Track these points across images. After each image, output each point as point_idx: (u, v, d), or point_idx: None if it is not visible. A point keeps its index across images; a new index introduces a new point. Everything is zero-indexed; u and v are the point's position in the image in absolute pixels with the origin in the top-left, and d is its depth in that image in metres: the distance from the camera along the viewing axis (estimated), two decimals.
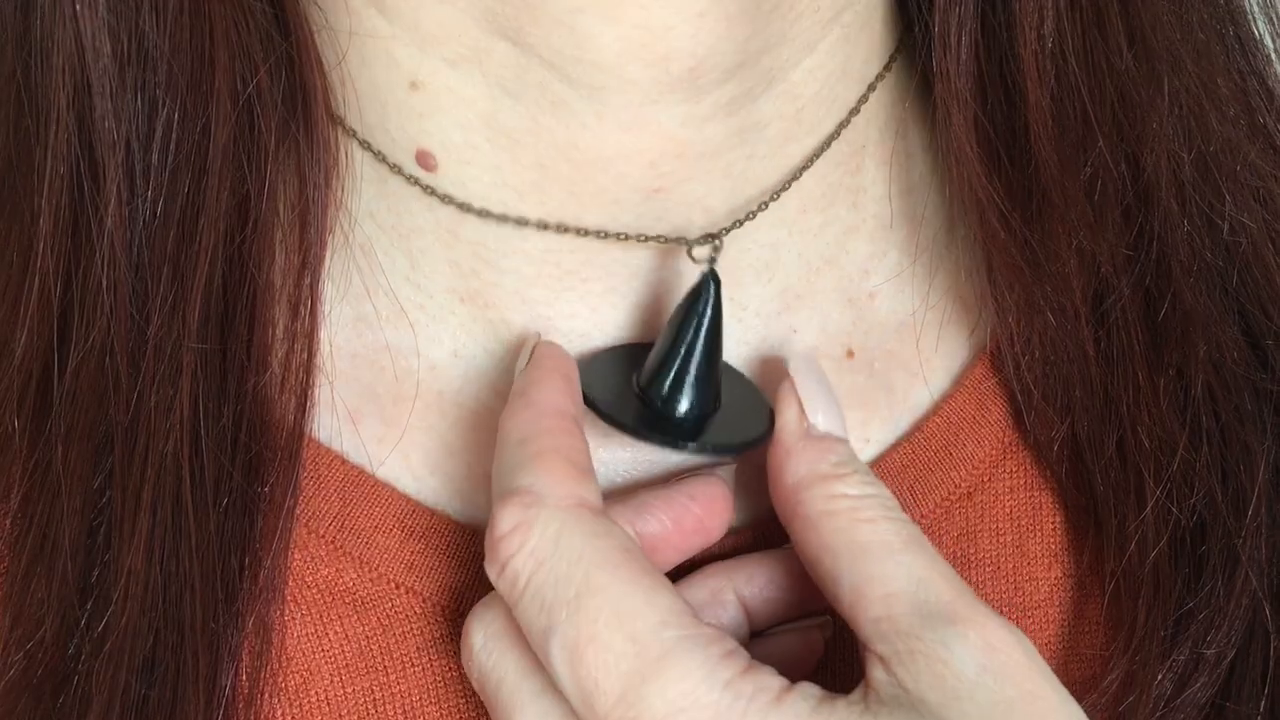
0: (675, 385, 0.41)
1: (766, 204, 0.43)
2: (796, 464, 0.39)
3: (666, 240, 0.42)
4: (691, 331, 0.41)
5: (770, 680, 0.35)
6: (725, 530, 0.41)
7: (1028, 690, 0.35)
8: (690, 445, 0.41)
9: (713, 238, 0.42)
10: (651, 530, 0.40)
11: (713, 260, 0.42)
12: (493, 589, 0.38)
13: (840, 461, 0.39)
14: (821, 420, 0.40)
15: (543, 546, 0.36)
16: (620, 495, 0.41)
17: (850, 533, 0.38)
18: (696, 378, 0.41)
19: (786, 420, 0.40)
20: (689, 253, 0.42)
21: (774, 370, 0.44)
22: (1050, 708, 0.35)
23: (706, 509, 0.41)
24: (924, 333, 0.45)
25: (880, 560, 0.37)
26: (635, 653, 0.34)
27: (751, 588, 0.41)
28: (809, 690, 0.35)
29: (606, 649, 0.35)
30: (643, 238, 0.42)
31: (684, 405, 0.41)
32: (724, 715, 0.34)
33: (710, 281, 0.41)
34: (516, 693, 0.37)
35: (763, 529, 0.43)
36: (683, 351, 0.41)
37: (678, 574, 0.41)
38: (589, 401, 0.41)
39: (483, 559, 0.41)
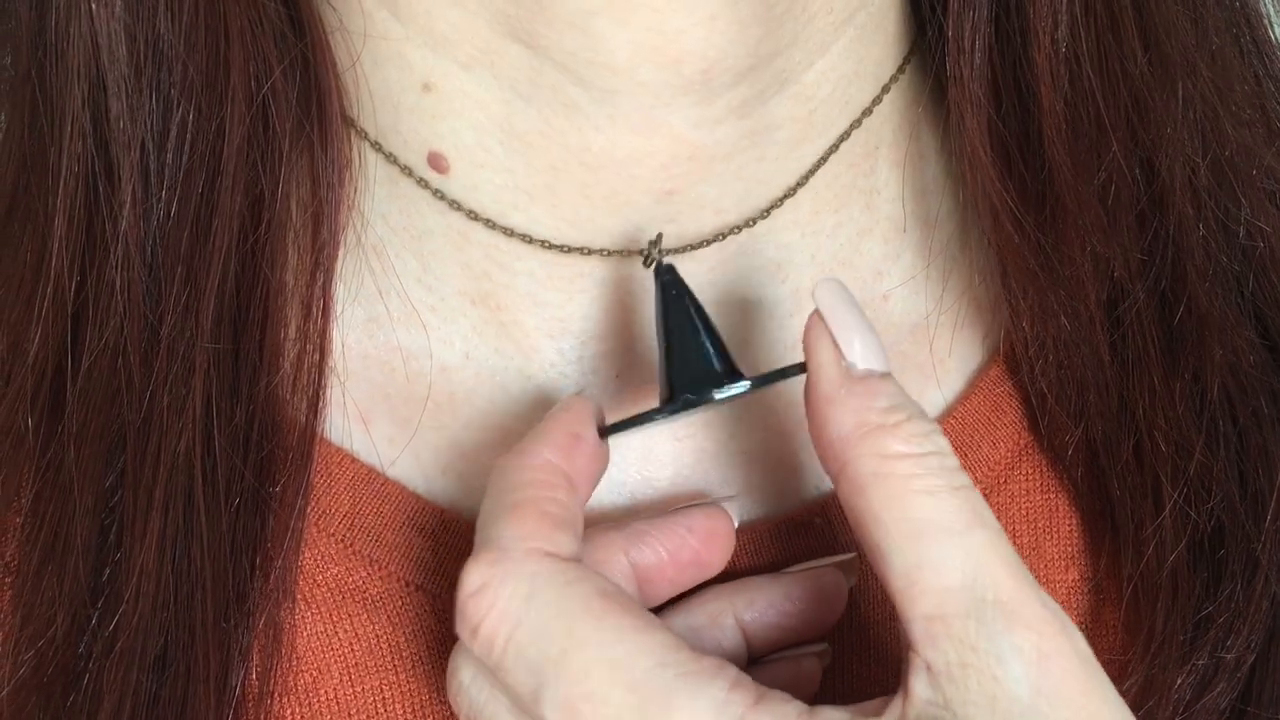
0: (688, 360, 0.39)
1: (768, 212, 0.42)
2: (841, 413, 0.35)
3: (615, 253, 0.42)
4: (671, 316, 0.40)
5: (786, 709, 0.33)
6: (724, 564, 0.40)
7: (1080, 706, 0.33)
8: (725, 385, 0.38)
9: (654, 244, 0.41)
10: (646, 560, 0.39)
11: (659, 257, 0.41)
12: None
13: (890, 407, 0.35)
14: (859, 354, 0.36)
15: (514, 606, 0.35)
16: (618, 521, 0.41)
17: (906, 504, 0.34)
18: (705, 344, 0.39)
19: (821, 361, 0.37)
20: (645, 264, 0.42)
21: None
22: None
23: (705, 542, 0.40)
24: (938, 335, 0.45)
25: (938, 543, 0.34)
26: (637, 702, 0.33)
27: (752, 612, 0.40)
28: (831, 715, 0.33)
29: (604, 703, 0.33)
30: (605, 252, 0.42)
31: (715, 365, 0.39)
32: None
33: (661, 277, 0.40)
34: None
35: (773, 527, 0.43)
36: (675, 333, 0.40)
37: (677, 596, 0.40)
38: (619, 427, 0.39)
39: None
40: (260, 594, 0.40)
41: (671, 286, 0.40)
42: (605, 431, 0.39)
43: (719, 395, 0.38)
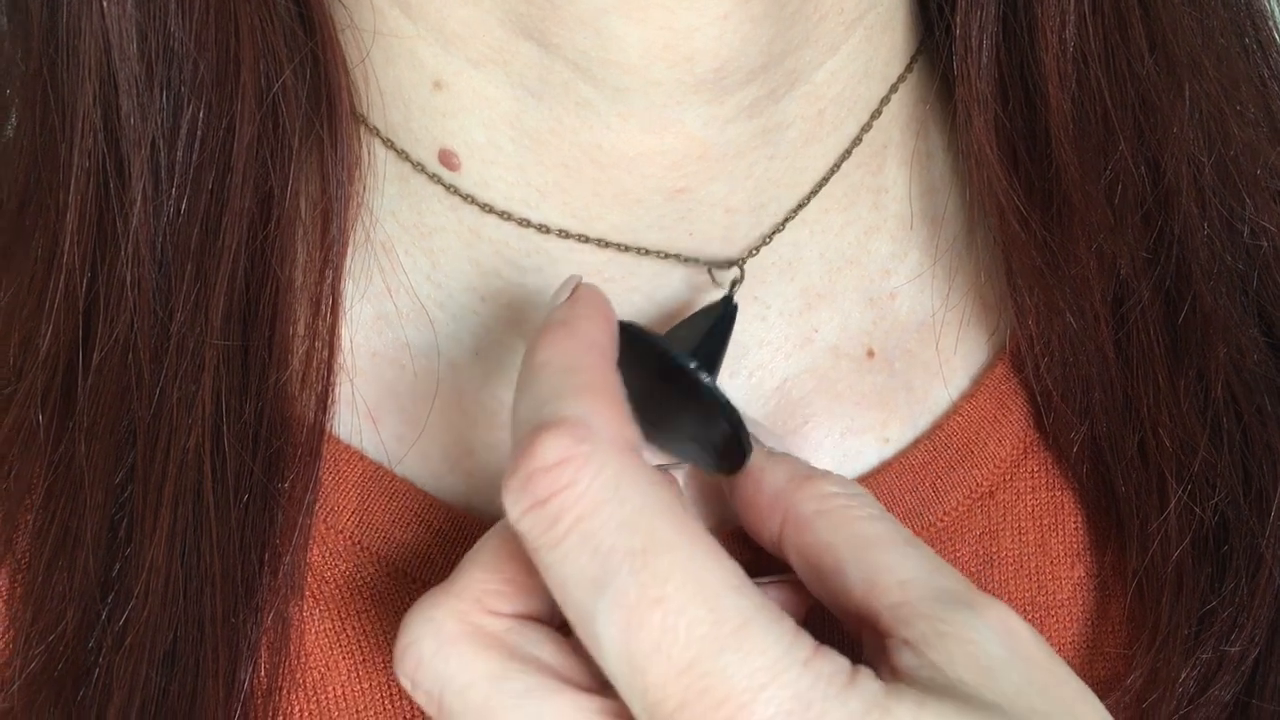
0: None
1: (794, 213, 0.43)
2: (774, 474, 0.38)
3: (687, 260, 0.42)
4: (706, 345, 0.40)
5: (840, 661, 0.32)
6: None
7: (1052, 673, 0.34)
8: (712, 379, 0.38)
9: (736, 264, 0.42)
10: None
11: (735, 286, 0.42)
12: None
13: (811, 467, 0.38)
14: (774, 444, 0.40)
15: (599, 487, 0.32)
16: None
17: (850, 527, 0.36)
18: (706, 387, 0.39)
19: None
20: (711, 276, 0.42)
21: None
22: (1074, 693, 0.34)
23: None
24: (944, 333, 0.45)
25: (887, 550, 0.36)
26: (713, 620, 0.31)
27: None
28: (869, 673, 0.33)
29: (679, 613, 0.31)
30: (663, 254, 0.42)
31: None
32: (804, 695, 0.31)
33: (731, 311, 0.41)
34: (493, 698, 0.33)
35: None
36: (705, 349, 0.40)
37: None
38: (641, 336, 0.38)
39: None
40: (269, 590, 0.40)
41: (730, 318, 0.41)
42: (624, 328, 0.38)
43: (723, 394, 0.38)
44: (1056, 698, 0.34)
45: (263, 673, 0.40)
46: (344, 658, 0.41)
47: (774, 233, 0.43)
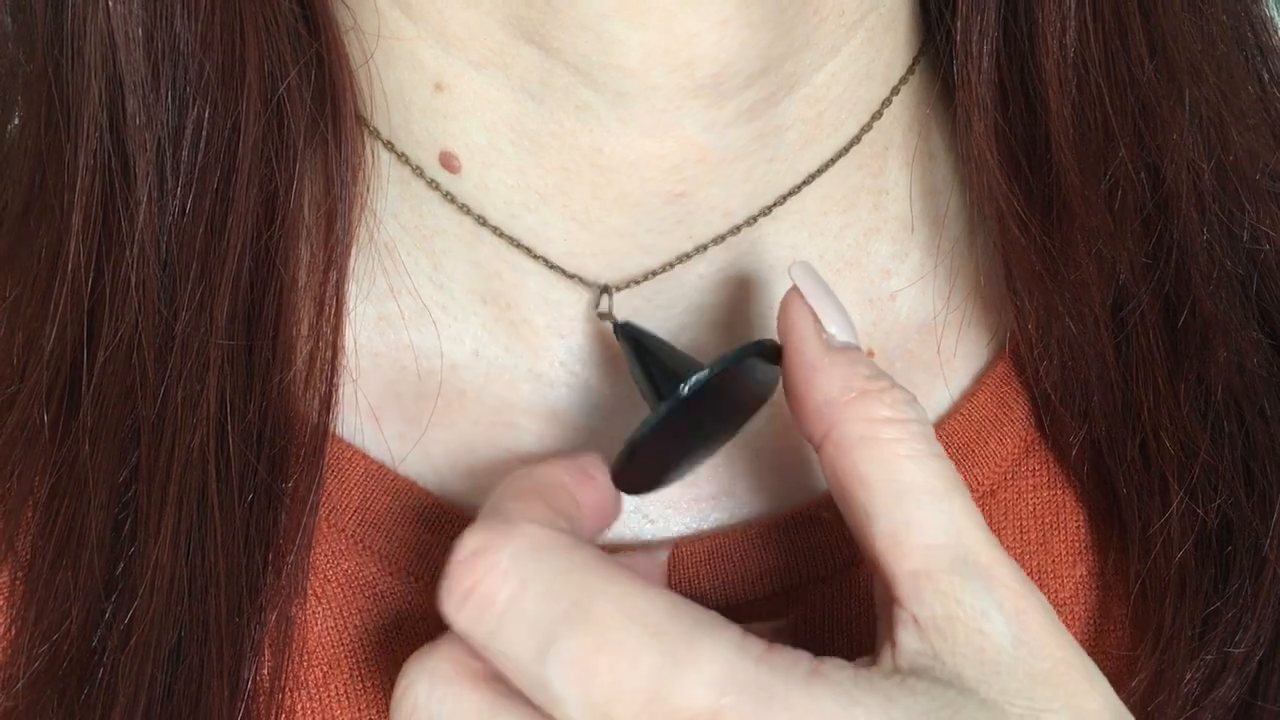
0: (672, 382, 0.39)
1: (770, 209, 0.43)
2: (827, 378, 0.36)
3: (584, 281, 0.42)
4: (646, 361, 0.40)
5: (797, 653, 0.33)
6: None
7: (1060, 659, 0.34)
8: (708, 366, 0.38)
9: (605, 290, 0.42)
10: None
11: (613, 315, 0.42)
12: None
13: (873, 374, 0.37)
14: (836, 331, 0.38)
15: (519, 565, 0.33)
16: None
17: (891, 467, 0.35)
18: (684, 364, 0.39)
19: (804, 332, 0.37)
20: (596, 310, 0.42)
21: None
22: (1082, 676, 0.34)
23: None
24: (945, 334, 0.45)
25: (921, 505, 0.35)
26: (660, 647, 0.31)
27: None
28: (838, 663, 0.33)
29: (622, 650, 0.31)
30: (590, 286, 0.42)
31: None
32: (766, 687, 0.31)
33: (620, 336, 0.41)
34: None
35: (781, 522, 0.43)
36: (656, 369, 0.40)
37: None
38: (625, 459, 0.38)
39: None
40: (272, 589, 0.41)
41: (634, 335, 0.40)
42: (618, 480, 0.38)
43: (684, 387, 0.37)
44: (1062, 687, 0.34)
45: (266, 671, 0.41)
46: (346, 657, 0.42)
47: (745, 225, 0.43)
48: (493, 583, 0.32)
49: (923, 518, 0.35)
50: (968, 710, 0.33)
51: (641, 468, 0.38)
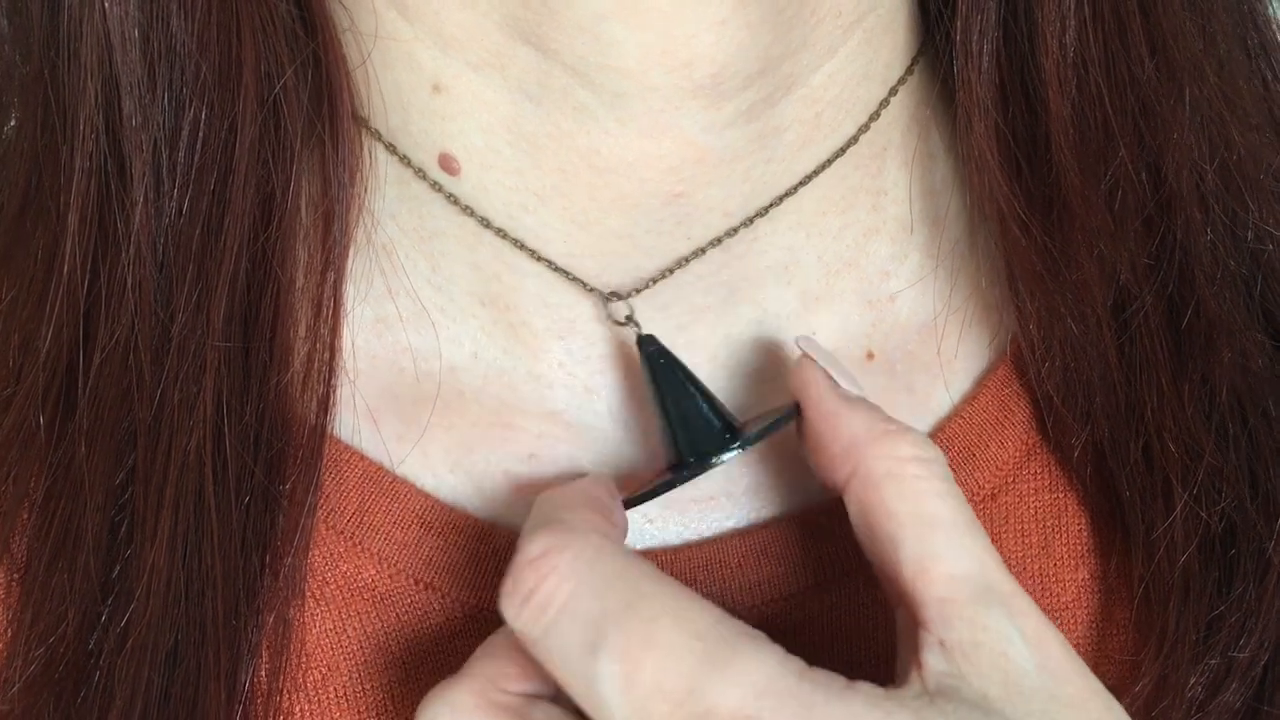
0: (689, 424, 0.41)
1: (767, 210, 0.43)
2: (850, 422, 0.38)
3: (610, 295, 0.43)
4: (664, 384, 0.41)
5: (834, 676, 0.34)
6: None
7: (1081, 686, 0.35)
8: (740, 440, 0.40)
9: (619, 296, 0.43)
10: None
11: (639, 329, 0.42)
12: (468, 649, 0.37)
13: (890, 419, 0.38)
14: (845, 384, 0.40)
15: (579, 568, 0.34)
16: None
17: (917, 501, 0.36)
18: (701, 406, 0.41)
19: (821, 388, 0.39)
20: (608, 312, 0.43)
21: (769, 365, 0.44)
22: (1102, 706, 0.35)
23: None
24: (945, 335, 0.45)
25: (947, 536, 0.36)
26: (702, 648, 0.33)
27: None
28: (871, 684, 0.34)
29: (668, 650, 0.32)
30: (589, 288, 0.43)
31: (715, 424, 0.41)
32: (805, 699, 0.32)
33: (645, 349, 0.42)
34: None
35: (791, 523, 0.43)
36: (671, 399, 0.41)
37: None
38: (640, 499, 0.41)
39: (501, 555, 0.41)
40: (270, 591, 0.41)
41: (659, 356, 0.41)
42: (627, 502, 0.41)
43: (720, 459, 0.40)
44: (1084, 713, 0.35)
45: (264, 674, 0.40)
46: (345, 659, 0.42)
47: (741, 225, 0.43)
48: (553, 583, 0.34)
49: (948, 549, 0.36)
50: None
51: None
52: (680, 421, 0.41)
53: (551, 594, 0.34)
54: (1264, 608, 0.41)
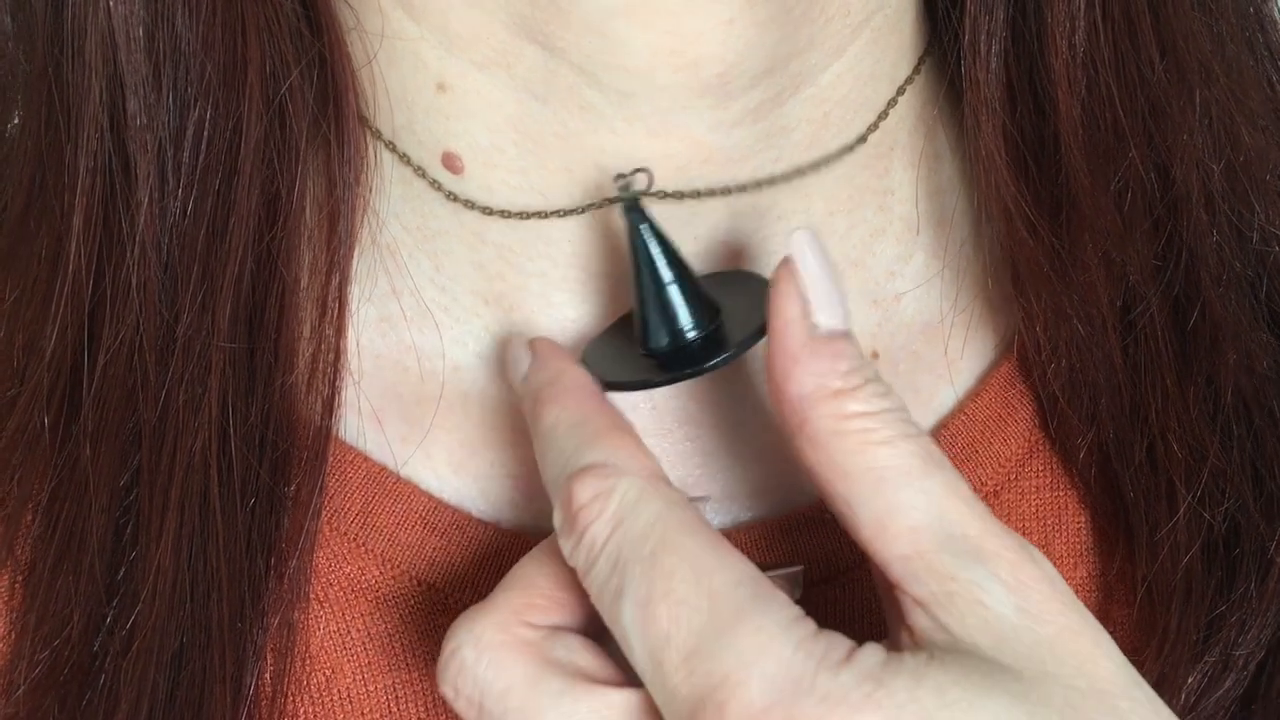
0: (664, 319, 0.40)
1: (775, 181, 0.42)
2: (802, 374, 0.36)
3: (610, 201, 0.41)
4: (647, 267, 0.40)
5: (839, 641, 0.33)
6: None
7: (1064, 625, 0.34)
8: (711, 362, 0.39)
9: (623, 178, 0.41)
10: None
11: (627, 190, 0.40)
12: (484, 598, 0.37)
13: (850, 370, 0.36)
14: (824, 316, 0.37)
15: (622, 509, 0.35)
16: None
17: (864, 455, 0.35)
18: (680, 300, 0.40)
19: (789, 317, 0.37)
20: (618, 194, 0.41)
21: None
22: (1090, 641, 0.34)
23: None
24: (951, 335, 0.45)
25: (900, 487, 0.35)
26: (710, 607, 0.33)
27: None
28: (874, 647, 0.34)
29: (681, 603, 0.33)
30: (604, 202, 0.42)
31: (689, 331, 0.40)
32: (794, 672, 0.32)
33: (631, 214, 0.40)
34: (530, 699, 0.35)
35: (784, 523, 0.43)
36: (653, 287, 0.40)
37: None
38: (604, 385, 0.40)
39: (504, 556, 0.41)
40: (275, 594, 0.41)
41: (639, 222, 0.40)
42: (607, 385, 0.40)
43: (694, 370, 0.40)
44: (1070, 654, 0.34)
45: (268, 676, 0.40)
46: (349, 661, 0.41)
47: (751, 186, 0.42)
48: (599, 526, 0.35)
49: (903, 500, 0.35)
50: (994, 675, 0.32)
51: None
52: (654, 310, 0.40)
53: (597, 535, 0.35)
54: (1264, 607, 0.41)
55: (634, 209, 0.40)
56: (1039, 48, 0.42)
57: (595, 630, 0.37)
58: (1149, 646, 0.42)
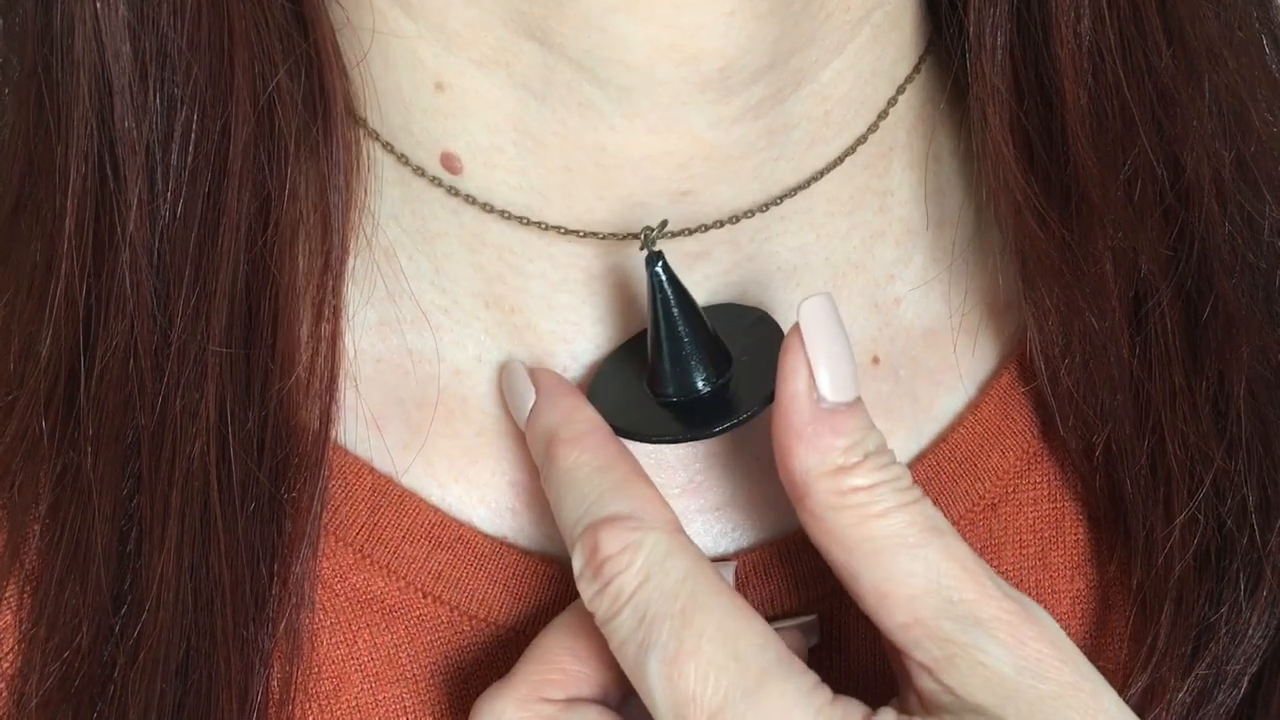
0: (677, 372, 0.40)
1: (780, 200, 0.42)
2: (805, 452, 0.37)
3: (620, 237, 0.41)
4: (665, 319, 0.40)
5: (855, 708, 0.35)
6: None
7: (1066, 681, 0.35)
8: (721, 426, 0.40)
9: (650, 230, 0.41)
10: None
11: (651, 239, 0.40)
12: (497, 668, 0.39)
13: (850, 446, 0.37)
14: (829, 386, 0.37)
15: (650, 563, 0.36)
16: None
17: (862, 528, 0.37)
18: (692, 353, 0.40)
19: (795, 390, 0.37)
20: (642, 246, 0.41)
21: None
22: (1091, 695, 0.35)
23: None
24: (951, 340, 0.44)
25: (897, 558, 0.36)
26: (737, 669, 0.35)
27: None
28: (886, 713, 0.36)
29: (709, 663, 0.35)
30: (616, 236, 0.41)
31: (701, 384, 0.41)
32: None
33: (651, 264, 0.40)
34: None
35: (786, 543, 0.43)
36: (669, 340, 0.40)
37: None
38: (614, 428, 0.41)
39: (509, 570, 0.42)
40: (279, 601, 0.40)
41: (662, 274, 0.40)
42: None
43: (714, 431, 0.40)
44: (1071, 708, 0.35)
45: (275, 684, 0.40)
46: (356, 670, 0.41)
47: (757, 210, 0.42)
48: (627, 577, 0.36)
49: (900, 569, 0.36)
50: None
51: None
52: (672, 360, 0.40)
53: (623, 586, 0.36)
54: (1255, 618, 0.41)
55: (655, 259, 0.40)
56: (1044, 38, 0.41)
57: (614, 699, 0.39)
58: (1139, 657, 0.42)
